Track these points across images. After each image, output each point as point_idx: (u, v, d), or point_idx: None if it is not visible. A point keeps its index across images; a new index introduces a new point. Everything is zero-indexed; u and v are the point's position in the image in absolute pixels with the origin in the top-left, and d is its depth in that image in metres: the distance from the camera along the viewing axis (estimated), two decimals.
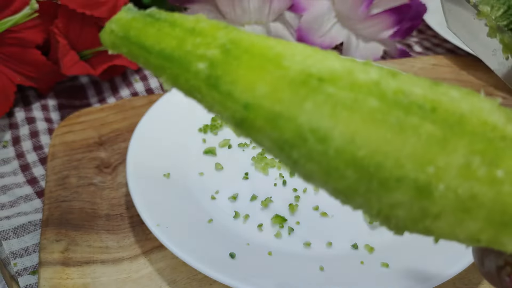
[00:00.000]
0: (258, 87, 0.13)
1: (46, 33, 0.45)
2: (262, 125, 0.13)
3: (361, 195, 0.13)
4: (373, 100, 0.12)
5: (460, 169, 0.12)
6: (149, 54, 0.14)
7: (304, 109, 0.13)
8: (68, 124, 0.45)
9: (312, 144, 0.13)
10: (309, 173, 0.13)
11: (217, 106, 0.14)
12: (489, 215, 0.12)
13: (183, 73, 0.14)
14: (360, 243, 0.34)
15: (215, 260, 0.31)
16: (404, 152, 0.12)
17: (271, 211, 0.37)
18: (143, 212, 0.34)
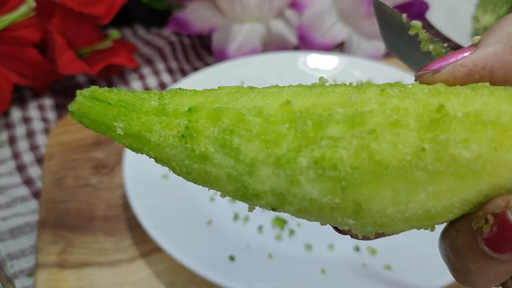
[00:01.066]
0: (199, 99, 0.17)
1: (43, 32, 0.45)
2: (204, 124, 0.16)
3: (301, 149, 0.15)
4: (293, 88, 0.16)
5: (377, 94, 0.14)
6: (109, 106, 0.17)
7: (240, 101, 0.16)
8: (65, 124, 0.45)
9: (250, 119, 0.15)
10: (251, 157, 0.15)
11: (164, 131, 0.16)
12: (418, 119, 0.14)
13: (137, 113, 0.17)
14: (362, 246, 0.33)
15: (214, 262, 0.31)
16: (328, 100, 0.15)
17: (271, 213, 0.36)
18: (140, 214, 0.33)
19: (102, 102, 0.17)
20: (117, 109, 0.17)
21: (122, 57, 0.49)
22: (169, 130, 0.16)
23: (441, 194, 0.14)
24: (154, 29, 0.60)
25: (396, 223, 0.15)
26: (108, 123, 0.17)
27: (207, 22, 0.51)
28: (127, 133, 0.17)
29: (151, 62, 0.53)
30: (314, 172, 0.14)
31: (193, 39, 0.58)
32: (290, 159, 0.14)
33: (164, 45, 0.55)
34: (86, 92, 0.17)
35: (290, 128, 0.14)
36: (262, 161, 0.15)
